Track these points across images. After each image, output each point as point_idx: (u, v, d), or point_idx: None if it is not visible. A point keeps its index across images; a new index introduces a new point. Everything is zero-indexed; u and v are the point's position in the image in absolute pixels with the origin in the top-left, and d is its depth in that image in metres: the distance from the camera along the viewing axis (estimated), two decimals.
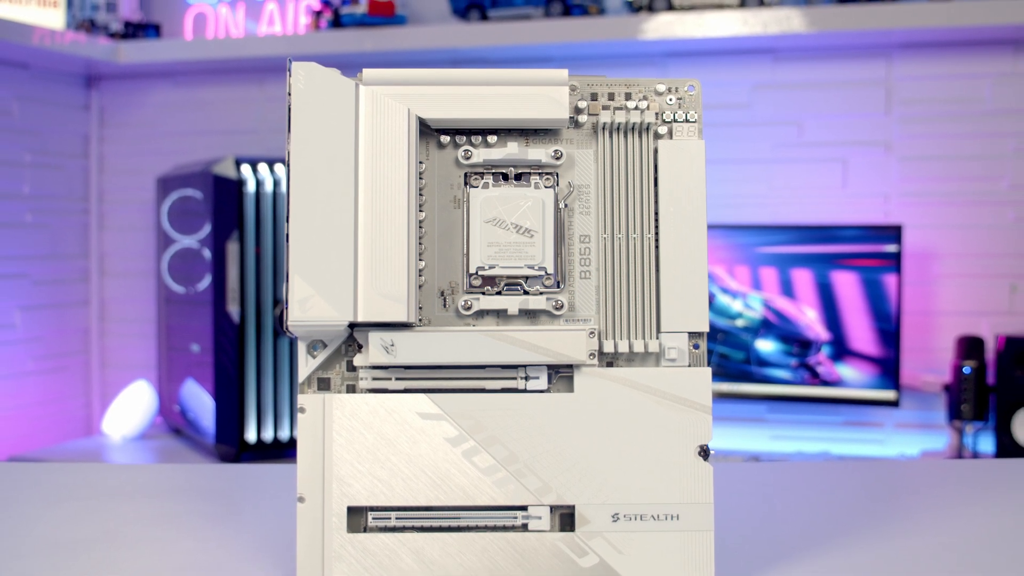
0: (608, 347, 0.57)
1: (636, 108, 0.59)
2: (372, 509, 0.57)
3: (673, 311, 0.58)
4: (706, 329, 0.58)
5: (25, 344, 2.59)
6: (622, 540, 0.57)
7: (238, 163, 2.22)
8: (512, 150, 0.58)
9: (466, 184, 0.58)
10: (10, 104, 2.53)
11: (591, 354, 0.57)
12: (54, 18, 2.55)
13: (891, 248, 2.16)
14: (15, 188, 2.55)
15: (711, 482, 0.57)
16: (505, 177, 0.59)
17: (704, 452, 0.57)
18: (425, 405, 0.57)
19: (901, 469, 0.93)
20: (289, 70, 0.56)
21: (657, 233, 0.58)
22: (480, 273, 0.58)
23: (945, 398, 2.19)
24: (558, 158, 0.58)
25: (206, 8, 2.72)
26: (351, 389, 0.58)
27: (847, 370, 2.22)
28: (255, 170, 2.22)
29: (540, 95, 0.57)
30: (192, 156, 2.64)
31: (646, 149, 0.59)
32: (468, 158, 0.58)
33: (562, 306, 0.58)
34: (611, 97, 0.59)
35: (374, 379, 0.57)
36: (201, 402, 2.32)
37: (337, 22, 2.49)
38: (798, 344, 2.25)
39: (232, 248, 2.20)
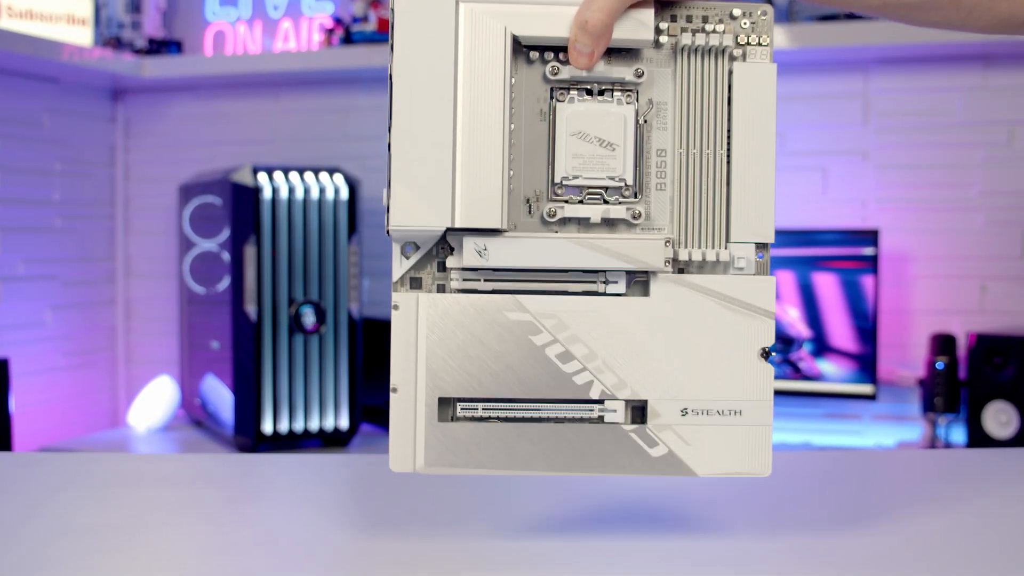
0: (682, 255, 0.58)
1: (714, 31, 0.59)
2: (460, 400, 0.57)
3: (742, 223, 0.58)
4: (772, 240, 0.59)
5: (55, 341, 2.59)
6: (689, 433, 0.58)
7: (255, 171, 2.22)
8: (598, 68, 0.58)
9: (552, 98, 0.58)
10: (41, 116, 2.53)
11: (666, 261, 0.57)
12: (82, 35, 2.55)
13: (868, 251, 2.16)
14: (46, 195, 2.55)
15: (771, 381, 0.59)
16: (589, 92, 0.58)
17: (766, 354, 0.58)
18: (512, 305, 0.57)
19: (878, 458, 0.93)
20: None
21: (729, 150, 0.58)
22: (564, 183, 0.58)
23: (919, 392, 2.19)
24: (640, 76, 0.58)
25: (225, 26, 2.72)
26: (440, 289, 0.58)
27: (827, 365, 2.22)
28: (271, 178, 2.22)
29: (627, 17, 0.57)
30: (212, 165, 2.64)
31: (722, 70, 0.59)
32: (556, 74, 0.58)
33: (640, 215, 0.58)
34: (689, 19, 0.59)
35: (464, 280, 0.57)
36: (220, 396, 2.32)
37: (348, 39, 2.49)
38: (781, 341, 2.25)
39: (249, 251, 2.20)
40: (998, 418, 2.07)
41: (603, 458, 0.58)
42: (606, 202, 0.58)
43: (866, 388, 2.18)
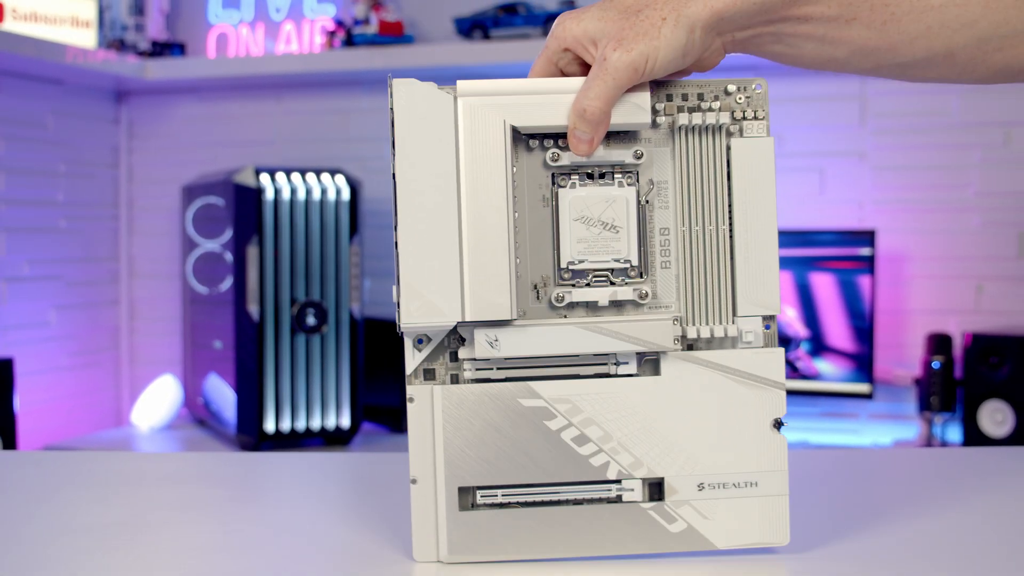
0: (691, 333, 0.58)
1: (710, 109, 0.59)
2: (480, 488, 0.58)
3: (748, 297, 0.59)
4: (778, 312, 0.59)
5: (60, 341, 2.59)
6: (707, 507, 0.58)
7: (257, 172, 2.22)
8: (597, 152, 0.58)
9: (554, 184, 0.58)
10: (45, 118, 2.53)
11: (675, 340, 0.57)
12: (86, 38, 2.55)
13: (865, 251, 2.16)
14: (50, 196, 2.55)
15: (785, 451, 0.59)
16: (590, 176, 0.59)
17: (778, 424, 0.58)
18: (526, 392, 0.57)
19: (875, 457, 0.93)
20: (390, 87, 0.56)
21: (731, 225, 0.59)
22: (571, 267, 0.58)
23: (915, 391, 2.19)
24: (639, 158, 0.58)
25: (228, 28, 2.72)
26: (454, 378, 0.58)
27: (824, 365, 2.22)
28: (273, 179, 2.22)
29: (624, 101, 0.57)
30: (214, 166, 2.64)
31: (719, 147, 0.59)
32: (556, 160, 0.58)
33: (647, 295, 0.58)
34: (684, 98, 0.59)
35: (477, 369, 0.58)
36: (223, 395, 2.32)
37: (349, 41, 2.49)
38: (779, 341, 2.25)
39: (252, 251, 2.20)
40: (993, 417, 2.07)
41: (623, 537, 0.58)
42: (612, 284, 0.58)
43: (863, 387, 2.18)
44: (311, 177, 2.25)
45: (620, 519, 0.58)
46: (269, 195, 2.21)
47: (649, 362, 0.58)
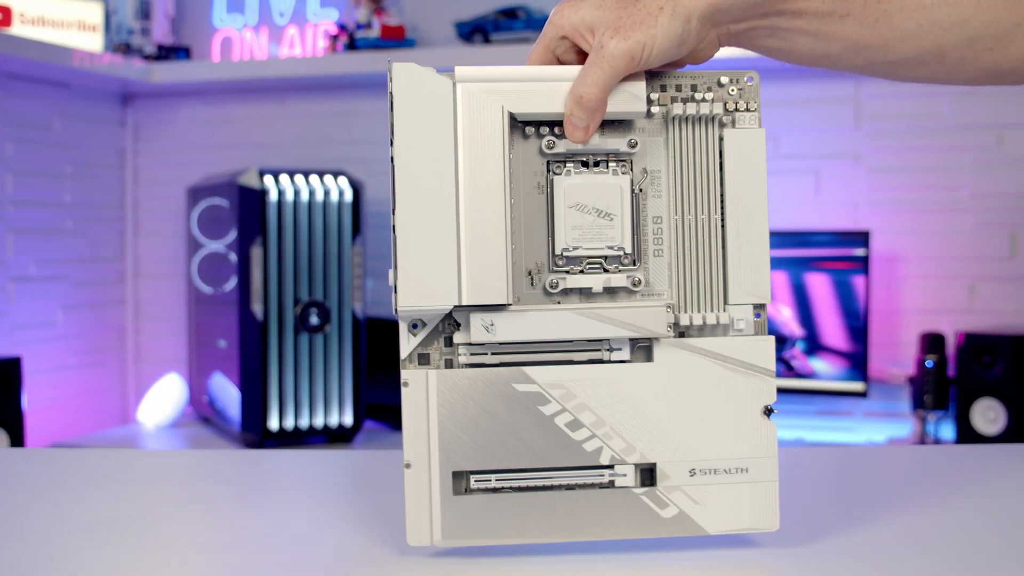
0: (683, 320, 0.58)
1: (704, 100, 0.59)
2: (474, 472, 0.57)
3: (739, 285, 0.59)
4: (768, 301, 0.59)
5: (66, 340, 2.59)
6: (699, 492, 0.58)
7: (261, 174, 2.22)
8: (592, 140, 0.58)
9: (549, 171, 0.58)
10: (52, 120, 2.54)
11: (668, 326, 0.58)
12: (93, 41, 2.55)
13: (860, 252, 2.16)
14: (57, 197, 2.55)
15: (775, 438, 0.59)
16: (585, 164, 0.59)
17: (768, 411, 0.58)
18: (520, 377, 0.57)
19: (869, 454, 0.93)
20: (389, 71, 0.56)
21: (723, 214, 0.59)
22: (565, 254, 0.58)
23: (909, 389, 2.19)
24: (633, 147, 0.58)
25: (232, 32, 2.72)
26: (448, 363, 0.58)
27: (819, 364, 2.22)
28: (277, 180, 2.22)
29: (620, 90, 0.57)
30: (219, 168, 2.64)
31: (712, 137, 0.59)
32: (552, 148, 0.58)
33: (640, 283, 0.58)
34: (678, 88, 0.59)
35: (472, 354, 0.57)
36: (227, 393, 2.32)
37: (352, 45, 2.49)
38: (775, 340, 2.25)
39: (256, 252, 2.20)
40: (986, 415, 2.07)
41: (616, 522, 0.58)
42: (606, 271, 0.58)
43: (857, 386, 2.18)
44: (314, 179, 2.25)
45: (613, 504, 0.58)
46: (273, 196, 2.21)
47: (642, 348, 0.58)
